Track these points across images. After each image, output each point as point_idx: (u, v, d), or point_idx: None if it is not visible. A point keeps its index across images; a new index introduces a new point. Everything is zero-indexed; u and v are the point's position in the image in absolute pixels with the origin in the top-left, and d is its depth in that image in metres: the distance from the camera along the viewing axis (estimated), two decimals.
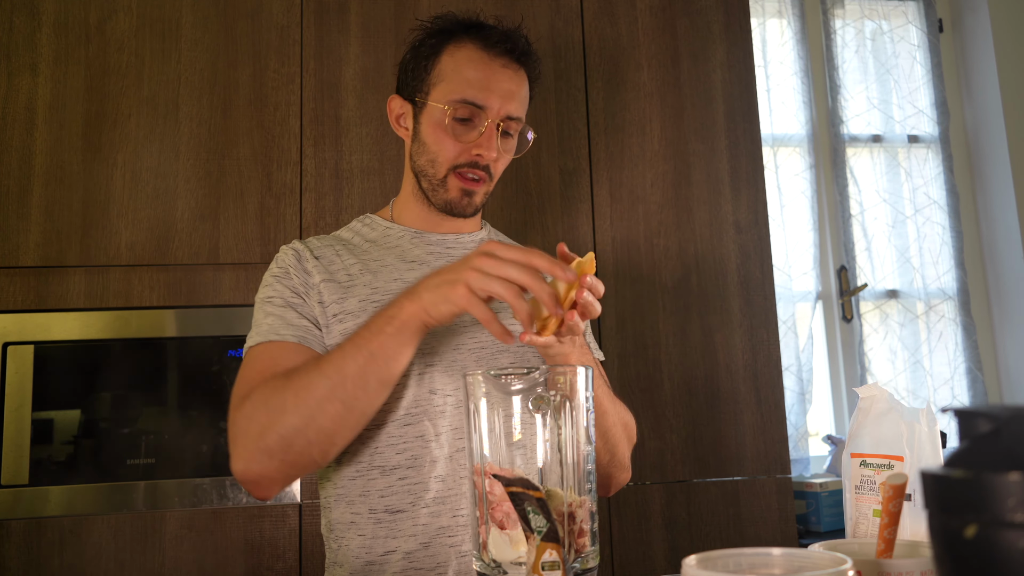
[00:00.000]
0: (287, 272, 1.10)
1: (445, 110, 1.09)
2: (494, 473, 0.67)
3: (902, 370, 2.53)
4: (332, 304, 1.07)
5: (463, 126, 1.10)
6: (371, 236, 1.18)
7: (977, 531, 0.41)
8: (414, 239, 1.17)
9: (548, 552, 0.65)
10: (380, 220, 1.21)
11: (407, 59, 1.17)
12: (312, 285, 1.09)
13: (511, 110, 1.11)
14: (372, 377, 0.92)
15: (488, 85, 1.09)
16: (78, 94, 1.72)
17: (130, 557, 1.58)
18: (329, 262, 1.12)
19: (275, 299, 1.08)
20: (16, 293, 1.64)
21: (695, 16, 1.98)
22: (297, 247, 1.14)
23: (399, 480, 1.03)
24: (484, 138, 1.09)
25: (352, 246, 1.16)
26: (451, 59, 1.11)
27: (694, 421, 1.84)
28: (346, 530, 1.05)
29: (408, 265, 1.13)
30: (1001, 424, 0.44)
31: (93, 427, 1.63)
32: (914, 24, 2.73)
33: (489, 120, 1.09)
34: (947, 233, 2.62)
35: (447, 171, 1.11)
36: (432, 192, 1.14)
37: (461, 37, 1.12)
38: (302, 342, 1.03)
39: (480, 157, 1.10)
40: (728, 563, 0.60)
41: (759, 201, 1.95)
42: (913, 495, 0.79)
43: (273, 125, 1.77)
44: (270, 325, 1.04)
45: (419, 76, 1.13)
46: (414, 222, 1.19)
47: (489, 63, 1.10)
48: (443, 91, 1.10)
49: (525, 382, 0.68)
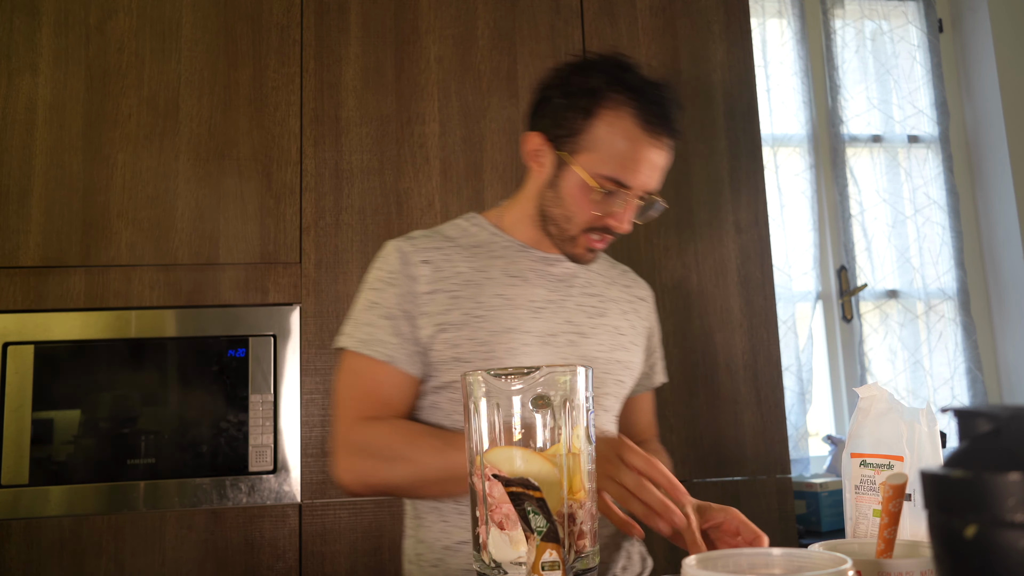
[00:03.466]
0: (392, 279, 1.13)
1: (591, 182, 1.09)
2: (494, 473, 0.67)
3: (902, 370, 2.53)
4: (437, 315, 1.10)
5: (605, 198, 1.10)
6: (477, 239, 1.20)
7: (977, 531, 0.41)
8: (519, 251, 1.19)
9: (548, 552, 0.65)
10: (487, 224, 1.22)
11: (558, 101, 1.12)
12: (416, 294, 1.12)
13: (651, 185, 1.11)
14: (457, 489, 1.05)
15: (638, 167, 1.08)
16: (78, 94, 1.72)
17: (130, 557, 1.58)
18: (438, 267, 1.13)
19: (379, 305, 1.12)
20: (16, 293, 1.64)
21: (695, 16, 1.98)
22: (404, 249, 1.15)
23: None
24: (623, 213, 1.11)
25: (459, 247, 1.17)
26: (608, 128, 1.08)
27: (694, 421, 1.84)
28: (429, 512, 1.12)
29: (510, 280, 1.15)
30: (1001, 424, 0.44)
31: (93, 427, 1.63)
32: (914, 24, 2.73)
33: (630, 197, 1.10)
34: (947, 233, 2.62)
35: (579, 232, 1.13)
36: (559, 240, 1.16)
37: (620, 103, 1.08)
38: (391, 362, 1.10)
39: (614, 227, 1.12)
40: (728, 563, 0.60)
41: (759, 201, 1.95)
42: (913, 495, 0.79)
43: (273, 125, 1.77)
44: (367, 335, 1.11)
45: (569, 130, 1.10)
46: (523, 238, 1.20)
47: (645, 143, 1.08)
48: (593, 161, 1.09)
49: (525, 382, 0.68)
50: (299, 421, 1.68)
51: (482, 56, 1.87)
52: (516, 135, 1.86)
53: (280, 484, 1.66)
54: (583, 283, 1.21)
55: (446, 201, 1.80)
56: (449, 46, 1.86)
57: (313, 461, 1.67)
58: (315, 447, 1.68)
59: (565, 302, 1.17)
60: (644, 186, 1.10)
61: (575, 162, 1.10)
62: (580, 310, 1.18)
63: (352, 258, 1.75)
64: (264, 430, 1.66)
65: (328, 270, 1.74)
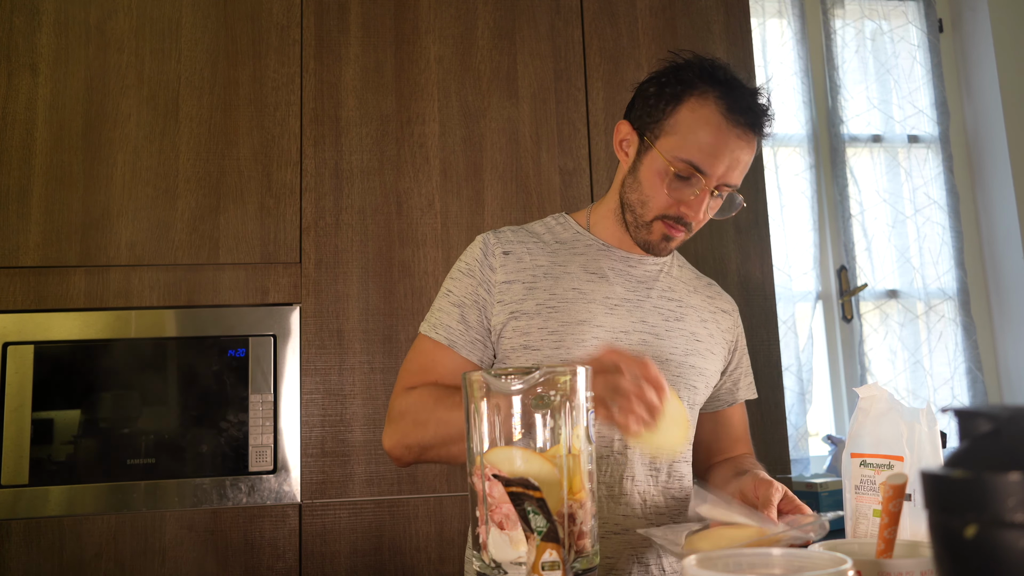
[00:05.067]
0: (471, 270, 1.17)
1: (668, 166, 1.10)
2: (494, 473, 0.67)
3: (902, 370, 2.53)
4: (512, 303, 1.14)
5: (681, 183, 1.11)
6: (562, 237, 1.22)
7: (977, 531, 0.41)
8: (600, 250, 1.21)
9: (548, 552, 0.65)
10: (573, 223, 1.24)
11: (648, 90, 1.16)
12: (492, 283, 1.16)
13: (730, 179, 1.11)
14: None
15: (717, 153, 1.09)
16: (78, 94, 1.72)
17: (130, 557, 1.58)
18: (518, 258, 1.17)
19: (452, 293, 1.17)
20: (16, 293, 1.64)
21: (695, 16, 1.98)
22: (488, 241, 1.19)
23: None
24: (696, 201, 1.11)
25: (543, 243, 1.21)
26: (691, 114, 1.10)
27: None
28: None
29: (588, 276, 1.17)
30: (1001, 424, 0.44)
31: (93, 427, 1.63)
32: (914, 24, 2.73)
33: (706, 185, 1.10)
34: (947, 233, 2.62)
35: (654, 217, 1.14)
36: (634, 228, 1.17)
37: (707, 91, 1.10)
38: (451, 346, 1.15)
39: (686, 215, 1.12)
40: (728, 563, 0.60)
41: (759, 201, 1.95)
42: (913, 495, 0.79)
43: (273, 125, 1.77)
44: (437, 319, 1.17)
45: (655, 116, 1.13)
46: (606, 236, 1.22)
47: (725, 130, 1.09)
48: (673, 144, 1.10)
49: (525, 382, 0.68)
50: (299, 421, 1.68)
51: (482, 56, 1.87)
52: (516, 135, 1.86)
53: (280, 484, 1.66)
54: (664, 287, 1.22)
55: (446, 201, 1.80)
56: (449, 46, 1.86)
57: (313, 461, 1.67)
58: (315, 447, 1.68)
59: (643, 302, 1.18)
60: (722, 176, 1.10)
61: (656, 145, 1.11)
62: (657, 311, 1.18)
63: (352, 258, 1.75)
64: (264, 430, 1.66)
65: (328, 270, 1.74)
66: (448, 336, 1.15)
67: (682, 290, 1.23)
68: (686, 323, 1.20)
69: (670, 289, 1.22)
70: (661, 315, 1.18)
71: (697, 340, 1.20)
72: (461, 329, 1.15)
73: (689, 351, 1.18)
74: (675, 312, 1.20)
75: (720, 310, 1.27)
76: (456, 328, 1.15)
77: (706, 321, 1.23)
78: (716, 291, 1.30)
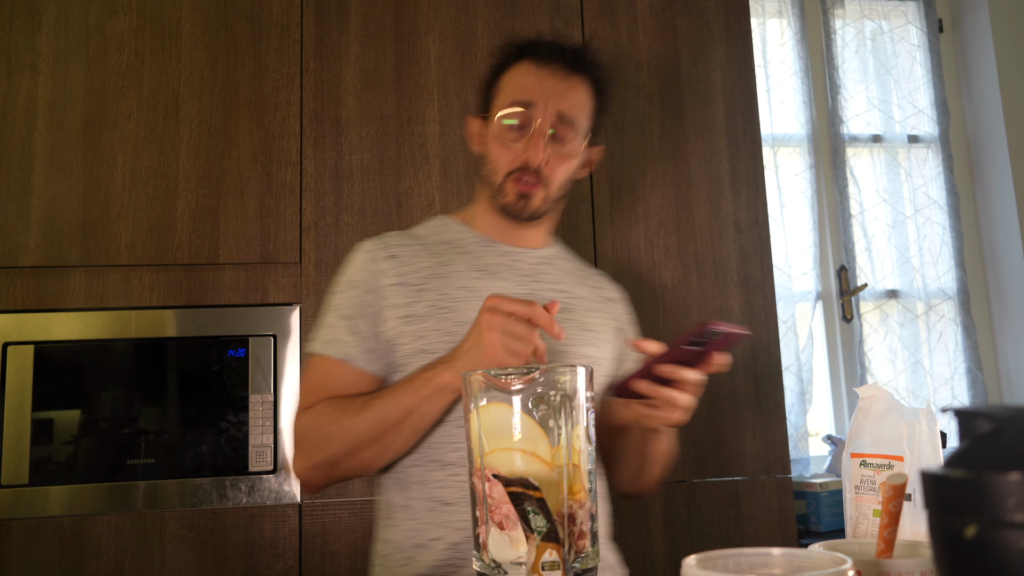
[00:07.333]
0: (355, 280, 1.17)
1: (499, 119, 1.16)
2: (494, 473, 0.67)
3: (902, 370, 2.53)
4: (402, 307, 1.13)
5: (513, 132, 1.16)
6: (446, 237, 1.23)
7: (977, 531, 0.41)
8: (484, 246, 1.22)
9: (548, 552, 0.65)
10: (455, 223, 1.26)
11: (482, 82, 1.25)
12: (381, 288, 1.15)
13: (561, 108, 1.15)
14: (407, 429, 1.06)
15: (535, 89, 1.16)
16: (78, 94, 1.72)
17: (130, 557, 1.58)
18: (404, 262, 1.17)
19: (339, 308, 1.16)
20: (16, 293, 1.64)
21: (695, 16, 1.98)
22: (371, 247, 1.19)
23: (452, 476, 1.10)
24: (534, 140, 1.14)
25: (428, 244, 1.21)
26: (509, 78, 1.20)
27: (694, 421, 1.83)
28: (399, 511, 1.13)
29: (477, 273, 1.18)
30: (1001, 424, 0.44)
31: (93, 427, 1.63)
32: (914, 24, 2.73)
33: (536, 121, 1.14)
34: (947, 233, 2.62)
35: (503, 177, 1.17)
36: (493, 197, 1.20)
37: (519, 59, 1.20)
38: (348, 360, 1.13)
39: (531, 160, 1.15)
40: (728, 563, 0.60)
41: (759, 201, 1.95)
42: (913, 495, 0.79)
43: (273, 125, 1.77)
44: (328, 336, 1.15)
45: (485, 96, 1.22)
46: (487, 231, 1.23)
47: (538, 72, 1.17)
48: (498, 104, 1.18)
49: (525, 382, 0.68)
50: None
51: (482, 56, 1.87)
52: None
53: (280, 484, 1.66)
54: (551, 279, 1.23)
55: (446, 201, 1.80)
56: (449, 46, 1.86)
57: None
58: None
59: (532, 296, 1.18)
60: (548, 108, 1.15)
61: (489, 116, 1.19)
62: None
63: None
64: (264, 430, 1.66)
65: (328, 270, 1.74)
66: (343, 350, 1.13)
67: (569, 281, 1.25)
68: (576, 313, 1.21)
69: (558, 281, 1.24)
70: None
71: (588, 330, 1.21)
72: (354, 341, 1.13)
73: (581, 341, 1.20)
74: (565, 303, 1.21)
75: (607, 299, 1.30)
76: (349, 341, 1.13)
77: (594, 311, 1.25)
78: (602, 280, 1.33)
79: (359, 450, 1.07)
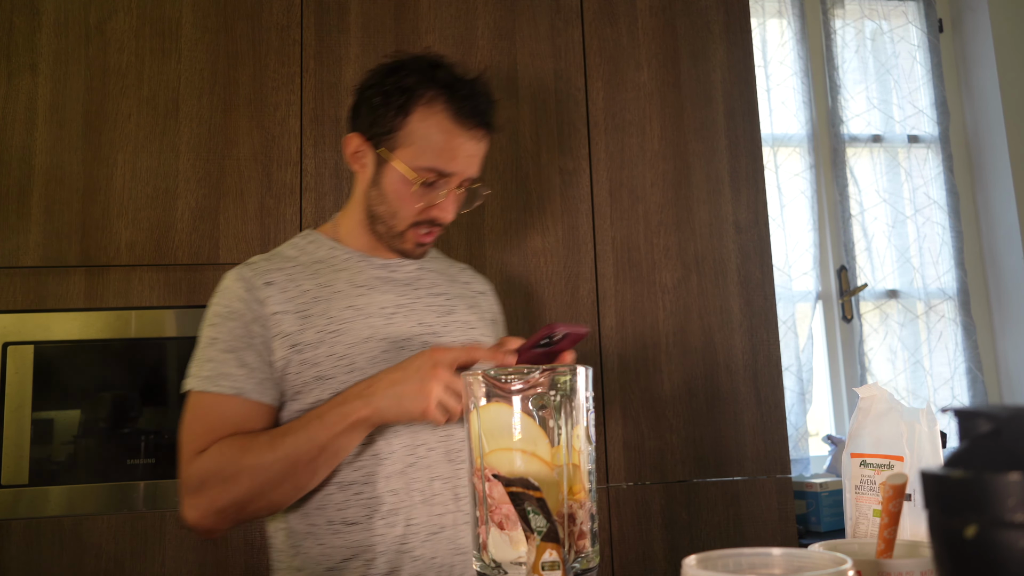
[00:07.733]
0: (233, 312, 1.10)
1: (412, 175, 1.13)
2: (494, 473, 0.67)
3: (902, 370, 2.53)
4: (291, 335, 1.10)
5: (427, 189, 1.14)
6: (317, 255, 1.20)
7: (977, 531, 0.41)
8: (360, 262, 1.20)
9: (548, 552, 0.65)
10: (325, 239, 1.23)
11: (373, 100, 1.15)
12: (264, 316, 1.10)
13: (473, 173, 1.16)
14: (321, 464, 1.04)
15: (455, 154, 1.13)
16: (78, 94, 1.72)
17: (130, 557, 1.58)
18: (282, 288, 1.12)
19: (219, 340, 1.09)
20: (16, 293, 1.64)
21: (695, 16, 1.98)
22: (245, 275, 1.13)
23: (355, 495, 1.08)
24: (447, 202, 1.15)
25: (302, 266, 1.17)
26: (422, 124, 1.13)
27: (694, 421, 1.84)
28: (304, 539, 1.10)
29: (358, 291, 1.16)
30: (1001, 424, 0.44)
31: (93, 427, 1.62)
32: (914, 24, 2.73)
33: (451, 186, 1.14)
34: (947, 233, 2.62)
35: (406, 227, 1.17)
36: (388, 238, 1.19)
37: (432, 98, 1.13)
38: (239, 394, 1.07)
39: (439, 218, 1.16)
40: (728, 563, 0.60)
41: (759, 201, 1.95)
42: (913, 495, 0.79)
43: (273, 125, 1.77)
44: (212, 371, 1.07)
45: (386, 127, 1.14)
46: (360, 247, 1.22)
47: (459, 134, 1.13)
48: (411, 154, 1.13)
49: (525, 382, 0.68)
50: None
51: (482, 56, 1.87)
52: (516, 135, 1.86)
53: None
54: (428, 284, 1.23)
55: None
56: (449, 46, 1.86)
57: None
58: None
59: (415, 305, 1.19)
60: (463, 173, 1.14)
61: (394, 158, 1.13)
62: (430, 310, 1.20)
63: None
64: None
65: None
66: (234, 385, 1.06)
67: (444, 283, 1.26)
68: (458, 314, 1.22)
69: (435, 285, 1.24)
70: (435, 312, 1.20)
71: (471, 328, 1.23)
72: (244, 374, 1.07)
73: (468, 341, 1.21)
74: (445, 306, 1.22)
75: (478, 292, 1.32)
76: (238, 374, 1.06)
77: (472, 307, 1.26)
78: (471, 275, 1.35)
79: (270, 490, 1.03)
